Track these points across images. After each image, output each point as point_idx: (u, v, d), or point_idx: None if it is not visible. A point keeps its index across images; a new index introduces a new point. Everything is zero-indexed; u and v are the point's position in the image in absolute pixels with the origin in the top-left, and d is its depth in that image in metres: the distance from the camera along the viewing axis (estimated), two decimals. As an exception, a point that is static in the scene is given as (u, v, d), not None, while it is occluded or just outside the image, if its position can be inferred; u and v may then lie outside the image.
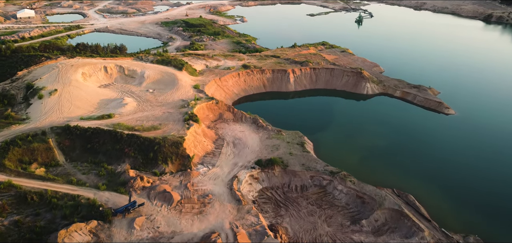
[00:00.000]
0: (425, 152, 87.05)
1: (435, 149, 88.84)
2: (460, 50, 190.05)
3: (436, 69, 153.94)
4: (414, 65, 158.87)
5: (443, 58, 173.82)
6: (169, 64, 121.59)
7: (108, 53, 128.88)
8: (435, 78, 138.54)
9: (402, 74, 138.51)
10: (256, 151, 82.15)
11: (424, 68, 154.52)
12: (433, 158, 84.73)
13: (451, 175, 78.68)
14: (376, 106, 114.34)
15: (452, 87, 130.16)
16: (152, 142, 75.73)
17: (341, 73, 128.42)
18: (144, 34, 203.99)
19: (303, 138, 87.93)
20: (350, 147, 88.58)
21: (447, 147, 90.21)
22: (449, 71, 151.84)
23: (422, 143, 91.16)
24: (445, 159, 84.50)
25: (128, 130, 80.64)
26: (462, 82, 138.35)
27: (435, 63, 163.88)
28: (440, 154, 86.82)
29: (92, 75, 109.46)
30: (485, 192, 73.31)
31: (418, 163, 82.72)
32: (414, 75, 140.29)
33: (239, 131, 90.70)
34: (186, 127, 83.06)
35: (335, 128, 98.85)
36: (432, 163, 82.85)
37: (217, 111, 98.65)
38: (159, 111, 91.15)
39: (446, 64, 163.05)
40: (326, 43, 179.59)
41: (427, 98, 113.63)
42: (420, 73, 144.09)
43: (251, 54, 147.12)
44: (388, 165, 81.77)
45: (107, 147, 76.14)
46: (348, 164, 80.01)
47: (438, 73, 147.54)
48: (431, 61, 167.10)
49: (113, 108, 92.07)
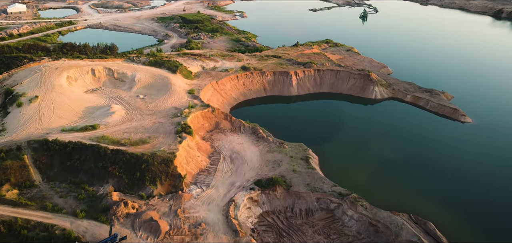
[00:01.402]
0: (443, 167, 78.90)
1: (453, 163, 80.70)
2: (471, 49, 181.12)
3: (447, 69, 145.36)
4: (423, 65, 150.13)
5: (454, 57, 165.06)
6: (162, 67, 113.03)
7: (97, 54, 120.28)
8: (447, 80, 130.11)
9: (411, 76, 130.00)
10: (256, 167, 74.08)
11: (435, 68, 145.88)
12: (452, 174, 76.61)
13: (474, 195, 70.72)
14: (386, 113, 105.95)
15: (466, 90, 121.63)
16: (139, 159, 67.63)
17: (347, 76, 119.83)
18: (139, 31, 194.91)
19: (307, 152, 79.80)
20: (359, 161, 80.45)
21: (467, 160, 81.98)
22: (461, 72, 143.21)
23: (439, 156, 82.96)
24: (466, 175, 76.41)
25: (114, 144, 72.55)
26: (476, 85, 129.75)
27: (446, 63, 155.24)
28: (460, 169, 78.70)
29: (78, 79, 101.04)
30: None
31: (435, 180, 74.63)
32: (424, 77, 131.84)
33: (237, 143, 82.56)
34: (178, 140, 74.89)
35: (342, 138, 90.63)
36: (451, 180, 74.74)
37: (213, 120, 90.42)
38: (149, 121, 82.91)
39: (457, 64, 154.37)
40: (330, 41, 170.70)
41: (440, 104, 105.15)
42: (430, 75, 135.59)
43: (250, 54, 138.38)
44: (402, 183, 73.71)
45: (89, 164, 68.08)
46: (357, 183, 72.17)
47: (450, 74, 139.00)
48: (441, 61, 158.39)
49: (98, 117, 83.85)
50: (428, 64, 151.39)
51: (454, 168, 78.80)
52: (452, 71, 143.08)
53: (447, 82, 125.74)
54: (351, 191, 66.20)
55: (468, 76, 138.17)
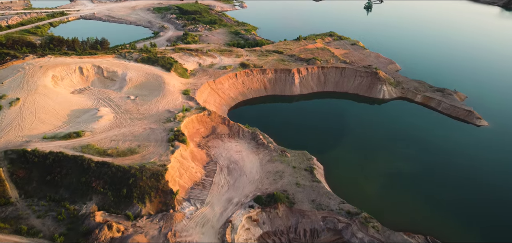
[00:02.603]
0: (460, 179, 72.25)
1: (471, 173, 74.03)
2: (483, 42, 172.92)
3: (459, 65, 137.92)
4: (433, 60, 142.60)
5: (465, 51, 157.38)
6: (155, 64, 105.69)
7: (87, 50, 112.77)
8: (459, 77, 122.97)
9: (421, 73, 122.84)
10: (256, 180, 67.59)
11: (446, 64, 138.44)
12: (472, 188, 70.03)
13: (496, 210, 64.28)
14: (395, 115, 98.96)
15: (480, 89, 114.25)
16: (127, 173, 61.06)
17: (353, 74, 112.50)
18: (134, 22, 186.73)
19: (311, 161, 73.21)
20: (368, 172, 73.90)
21: (487, 171, 75.14)
22: (474, 68, 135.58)
23: (456, 166, 76.29)
24: (486, 188, 69.84)
25: (99, 154, 65.99)
26: (491, 83, 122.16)
27: (457, 58, 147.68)
28: (479, 180, 72.08)
29: (64, 79, 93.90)
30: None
31: (452, 194, 68.17)
32: (434, 73, 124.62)
33: (235, 151, 75.93)
34: (170, 150, 68.24)
35: (348, 144, 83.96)
36: (470, 195, 68.21)
37: (210, 124, 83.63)
38: (139, 127, 76.12)
39: (469, 59, 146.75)
40: (334, 34, 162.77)
41: (454, 105, 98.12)
42: (441, 71, 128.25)
43: (250, 49, 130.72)
44: (416, 198, 67.23)
45: (71, 178, 61.57)
46: (366, 197, 65.95)
47: (462, 70, 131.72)
48: (452, 55, 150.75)
49: (84, 122, 77.07)
50: (438, 59, 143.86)
51: (473, 180, 72.18)
52: (464, 67, 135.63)
53: (459, 80, 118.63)
54: (361, 209, 59.80)
55: (482, 73, 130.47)
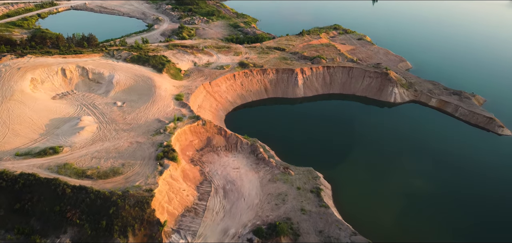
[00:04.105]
0: (486, 198, 64.30)
1: (500, 191, 66.02)
2: (502, 39, 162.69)
3: (475, 63, 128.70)
4: (446, 57, 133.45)
5: (482, 48, 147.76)
6: (146, 64, 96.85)
7: (72, 47, 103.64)
8: (475, 77, 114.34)
9: (433, 72, 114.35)
10: (255, 204, 59.74)
11: (460, 62, 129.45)
12: (500, 209, 62.14)
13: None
14: (408, 122, 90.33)
15: (500, 92, 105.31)
16: (107, 201, 53.15)
17: (361, 74, 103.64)
18: (127, 14, 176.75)
19: (318, 181, 65.21)
20: (381, 191, 65.95)
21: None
22: (492, 67, 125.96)
23: (479, 183, 68.26)
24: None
25: (77, 176, 58.09)
26: (508, 83, 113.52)
27: (473, 55, 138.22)
28: (509, 200, 64.19)
29: (45, 82, 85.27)
30: None
31: (477, 218, 60.33)
32: (449, 73, 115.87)
33: (232, 168, 67.90)
34: (158, 170, 60.20)
35: (357, 156, 75.88)
36: (500, 216, 60.38)
37: (205, 135, 75.39)
38: (125, 141, 67.89)
39: (487, 57, 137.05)
40: (339, 27, 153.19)
41: (472, 111, 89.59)
42: (456, 70, 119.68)
43: (250, 46, 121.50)
44: (439, 225, 59.35)
45: (43, 206, 53.63)
46: (381, 224, 58.36)
47: (478, 69, 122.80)
48: (467, 53, 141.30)
49: (64, 135, 68.89)
50: (452, 57, 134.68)
51: (502, 202, 64.25)
52: (482, 66, 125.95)
53: (476, 80, 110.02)
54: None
55: (502, 74, 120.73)
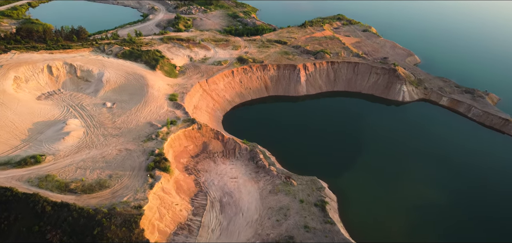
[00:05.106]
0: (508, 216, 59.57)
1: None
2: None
3: (487, 59, 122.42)
4: (457, 51, 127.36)
5: (495, 42, 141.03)
6: (139, 60, 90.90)
7: (61, 41, 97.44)
8: (488, 72, 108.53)
9: (443, 67, 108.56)
10: (255, 220, 54.87)
11: (472, 57, 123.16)
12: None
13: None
14: (418, 122, 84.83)
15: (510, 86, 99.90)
16: (91, 220, 48.26)
17: (367, 70, 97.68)
18: (122, 3, 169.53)
19: (322, 192, 60.23)
20: (392, 203, 61.00)
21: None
22: (506, 63, 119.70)
23: (499, 195, 63.32)
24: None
25: (60, 190, 53.09)
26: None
27: (485, 49, 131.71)
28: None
29: (29, 80, 79.57)
30: None
31: (501, 237, 55.63)
32: (459, 69, 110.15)
33: (230, 177, 62.85)
34: (148, 183, 55.14)
35: (365, 162, 70.81)
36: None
37: (200, 140, 70.09)
38: (113, 148, 62.64)
39: (500, 52, 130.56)
40: (343, 17, 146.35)
41: (487, 112, 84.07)
42: (467, 66, 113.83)
43: (249, 39, 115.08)
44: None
45: (21, 226, 48.76)
46: (392, 242, 53.40)
47: (491, 65, 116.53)
48: (479, 47, 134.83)
49: (48, 141, 63.64)
50: (463, 51, 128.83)
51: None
52: (495, 61, 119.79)
53: (489, 76, 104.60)
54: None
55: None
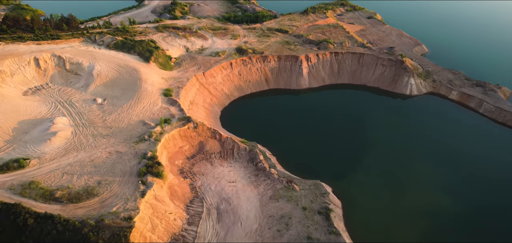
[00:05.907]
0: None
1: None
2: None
3: (499, 48, 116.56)
4: (466, 40, 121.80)
5: (505, 27, 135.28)
6: (132, 51, 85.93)
7: (49, 30, 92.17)
8: (499, 63, 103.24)
9: (452, 58, 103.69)
10: (254, 230, 51.29)
11: (482, 46, 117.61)
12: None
13: None
14: (426, 118, 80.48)
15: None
16: (77, 234, 44.58)
17: (373, 62, 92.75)
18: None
19: (326, 198, 56.49)
20: (402, 210, 57.30)
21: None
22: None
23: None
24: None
25: (44, 199, 49.36)
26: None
27: (496, 38, 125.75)
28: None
29: (15, 74, 74.92)
30: None
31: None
32: (469, 59, 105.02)
33: (228, 181, 59.03)
34: (140, 190, 51.33)
35: (371, 162, 66.90)
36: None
37: (196, 139, 65.98)
38: (103, 150, 58.59)
39: (510, 38, 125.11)
40: (347, 3, 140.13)
41: (499, 107, 79.63)
42: (477, 56, 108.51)
43: (249, 27, 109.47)
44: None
45: (0, 239, 45.21)
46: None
47: (503, 55, 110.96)
48: (490, 35, 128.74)
49: (33, 142, 59.58)
50: (473, 39, 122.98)
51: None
52: (508, 51, 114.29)
53: (502, 67, 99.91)
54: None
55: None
